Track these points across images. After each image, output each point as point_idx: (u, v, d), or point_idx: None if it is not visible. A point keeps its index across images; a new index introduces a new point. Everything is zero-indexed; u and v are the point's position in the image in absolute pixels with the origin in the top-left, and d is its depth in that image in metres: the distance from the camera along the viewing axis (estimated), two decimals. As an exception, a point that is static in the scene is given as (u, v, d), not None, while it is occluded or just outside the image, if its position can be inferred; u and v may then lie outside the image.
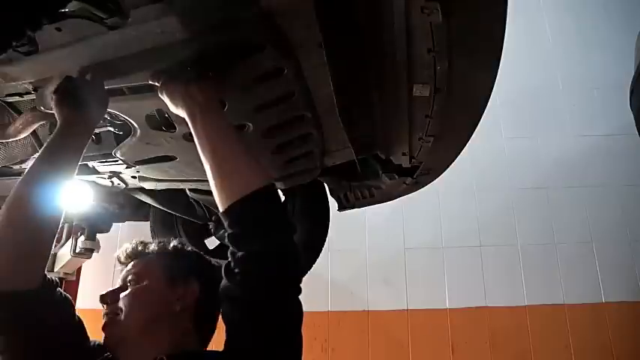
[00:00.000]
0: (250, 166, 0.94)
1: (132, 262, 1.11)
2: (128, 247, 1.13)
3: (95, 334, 1.04)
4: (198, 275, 1.08)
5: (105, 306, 1.04)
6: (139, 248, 1.13)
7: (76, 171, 0.98)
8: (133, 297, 1.03)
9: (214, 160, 0.93)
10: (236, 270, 0.90)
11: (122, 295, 1.04)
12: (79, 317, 1.05)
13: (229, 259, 0.92)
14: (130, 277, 1.07)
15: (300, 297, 0.93)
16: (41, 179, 0.92)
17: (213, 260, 1.25)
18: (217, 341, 1.06)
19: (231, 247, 0.92)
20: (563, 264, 3.33)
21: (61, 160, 0.96)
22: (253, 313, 0.89)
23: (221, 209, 0.92)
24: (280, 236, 0.92)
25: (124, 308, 1.02)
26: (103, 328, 1.02)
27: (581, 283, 3.28)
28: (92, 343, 1.06)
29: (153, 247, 1.14)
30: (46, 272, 0.94)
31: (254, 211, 0.90)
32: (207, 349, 1.09)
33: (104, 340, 1.01)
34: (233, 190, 0.91)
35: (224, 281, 0.93)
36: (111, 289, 1.08)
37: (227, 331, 0.93)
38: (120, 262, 1.13)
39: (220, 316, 0.96)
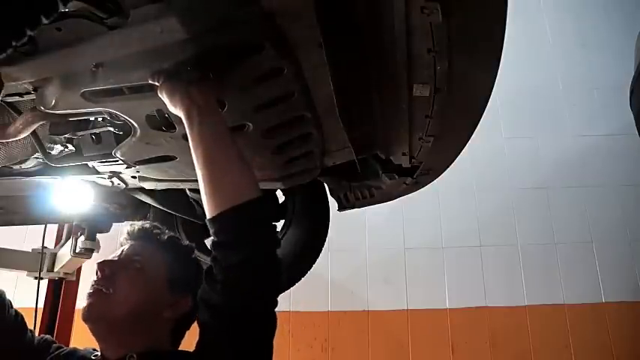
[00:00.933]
0: (243, 174, 0.93)
1: (142, 243, 1.10)
2: (145, 224, 1.12)
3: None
4: (195, 292, 1.06)
5: (99, 274, 1.01)
6: (155, 231, 1.12)
7: None
8: (132, 281, 1.02)
9: (207, 164, 0.91)
10: (218, 277, 0.90)
11: (121, 272, 1.02)
12: (15, 313, 1.06)
13: (211, 264, 0.92)
14: (135, 258, 1.06)
15: (275, 310, 0.93)
16: None
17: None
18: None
19: (214, 253, 0.91)
20: (563, 264, 3.34)
21: None
22: (231, 322, 0.90)
23: (209, 215, 0.91)
24: (267, 250, 0.92)
25: (117, 286, 1.00)
26: (88, 296, 0.99)
27: (581, 283, 3.28)
28: (40, 339, 1.08)
29: (166, 237, 1.13)
30: None
31: (245, 222, 0.89)
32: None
33: (85, 308, 0.98)
34: (225, 198, 0.90)
35: (204, 286, 0.93)
36: (112, 258, 1.06)
37: (201, 334, 0.93)
38: (129, 235, 1.12)
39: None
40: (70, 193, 1.67)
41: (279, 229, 1.96)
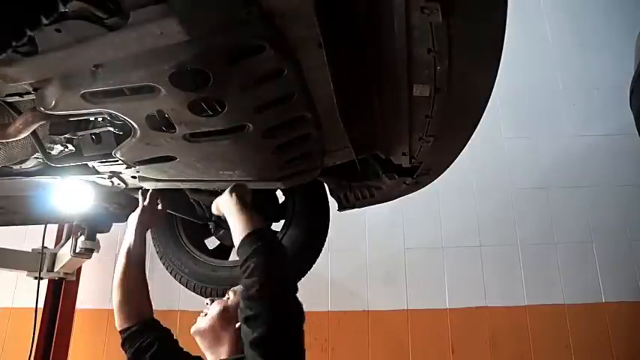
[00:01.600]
0: None
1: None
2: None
3: (94, 332, 1.05)
4: None
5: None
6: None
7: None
8: (217, 304, 1.39)
9: None
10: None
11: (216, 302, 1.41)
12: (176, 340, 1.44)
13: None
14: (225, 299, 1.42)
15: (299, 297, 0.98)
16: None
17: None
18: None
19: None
20: (563, 264, 3.34)
21: None
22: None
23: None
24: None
25: (210, 310, 1.39)
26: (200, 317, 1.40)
27: (581, 283, 3.28)
28: None
29: None
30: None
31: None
32: None
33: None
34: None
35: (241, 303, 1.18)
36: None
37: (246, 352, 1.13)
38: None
39: None
40: (70, 193, 1.67)
41: (279, 229, 1.97)
